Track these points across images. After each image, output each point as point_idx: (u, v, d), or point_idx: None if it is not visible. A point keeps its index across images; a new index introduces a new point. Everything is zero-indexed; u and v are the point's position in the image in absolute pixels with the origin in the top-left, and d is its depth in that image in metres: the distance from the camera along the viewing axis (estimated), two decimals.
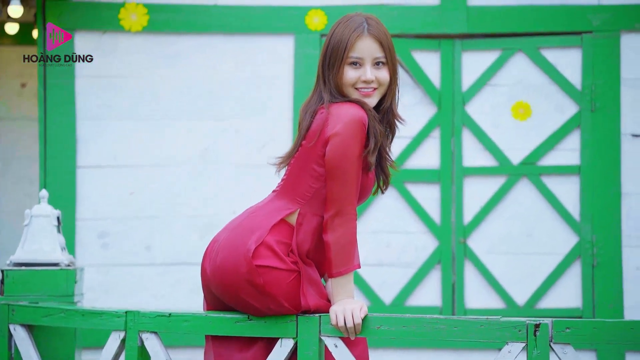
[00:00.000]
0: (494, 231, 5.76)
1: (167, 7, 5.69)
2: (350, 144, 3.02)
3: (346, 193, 3.04)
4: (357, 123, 3.03)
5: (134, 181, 5.70)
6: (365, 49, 3.09)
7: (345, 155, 3.02)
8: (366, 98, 3.11)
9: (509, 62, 5.78)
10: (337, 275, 3.06)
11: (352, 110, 3.05)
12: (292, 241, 3.12)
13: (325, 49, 3.13)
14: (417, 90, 5.79)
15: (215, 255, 3.14)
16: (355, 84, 3.11)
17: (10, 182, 7.73)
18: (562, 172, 5.75)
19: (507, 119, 5.78)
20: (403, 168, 5.76)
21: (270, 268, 3.06)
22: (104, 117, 5.70)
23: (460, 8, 5.74)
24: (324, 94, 3.13)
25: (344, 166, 3.03)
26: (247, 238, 3.09)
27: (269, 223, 3.11)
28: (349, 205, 3.06)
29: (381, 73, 3.13)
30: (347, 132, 3.02)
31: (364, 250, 5.72)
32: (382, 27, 3.15)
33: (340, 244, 3.05)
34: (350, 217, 3.07)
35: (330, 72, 3.11)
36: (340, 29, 3.11)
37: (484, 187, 5.77)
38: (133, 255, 5.69)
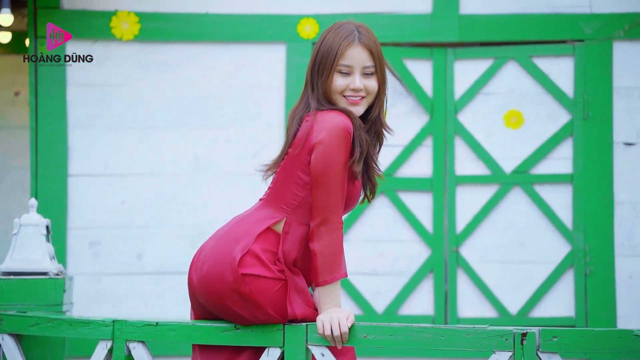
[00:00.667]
0: (487, 240, 5.75)
1: (159, 15, 5.68)
2: (334, 152, 3.01)
3: (331, 201, 3.03)
4: (342, 131, 3.02)
5: (125, 190, 5.68)
6: (355, 58, 3.09)
7: (330, 163, 3.01)
8: (353, 106, 3.11)
9: (501, 71, 5.77)
10: (324, 283, 3.05)
11: (337, 118, 3.04)
12: (278, 249, 3.11)
13: (315, 55, 3.13)
14: (410, 99, 5.78)
15: (202, 264, 3.13)
16: (343, 91, 3.10)
17: (4, 192, 7.70)
18: (554, 180, 5.73)
19: (499, 128, 5.77)
20: (395, 176, 5.74)
21: (256, 277, 3.05)
22: (95, 126, 5.68)
23: (453, 16, 5.74)
24: (311, 100, 3.13)
25: (329, 174, 3.02)
26: (233, 247, 3.08)
27: (255, 231, 3.10)
28: (334, 214, 3.04)
29: (370, 82, 3.13)
30: (331, 141, 3.01)
31: (357, 258, 5.71)
32: (372, 37, 3.15)
33: (326, 253, 3.04)
34: (335, 225, 3.05)
35: (319, 78, 3.11)
36: (331, 36, 3.11)
37: (476, 195, 5.75)
38: (124, 264, 5.67)
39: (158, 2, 5.69)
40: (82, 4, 5.67)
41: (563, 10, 5.73)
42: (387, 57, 5.70)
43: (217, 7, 5.70)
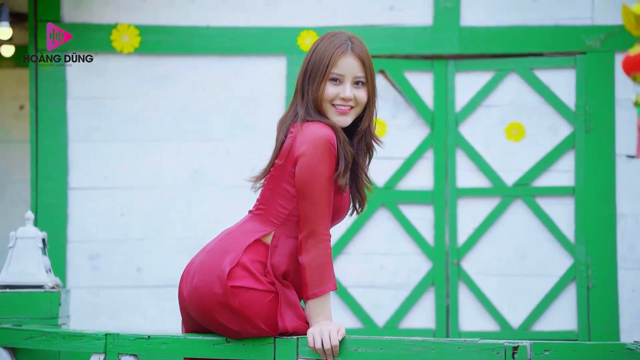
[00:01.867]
0: (488, 253, 5.71)
1: (159, 28, 5.68)
2: (317, 164, 3.01)
3: (317, 214, 3.02)
4: (324, 143, 3.01)
5: (125, 203, 5.67)
6: (347, 67, 3.09)
7: (313, 175, 3.01)
8: (342, 116, 3.11)
9: (503, 83, 5.75)
10: (313, 297, 3.03)
11: (319, 130, 3.04)
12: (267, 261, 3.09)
13: (307, 62, 3.13)
14: (410, 111, 5.76)
15: (191, 278, 3.12)
16: (333, 100, 3.10)
17: (7, 205, 7.72)
18: (556, 193, 5.70)
19: (500, 140, 5.74)
20: (396, 189, 5.72)
21: (246, 289, 3.04)
22: (95, 139, 5.68)
23: (453, 29, 5.72)
24: (299, 109, 3.12)
25: (313, 187, 3.01)
26: (221, 259, 3.07)
27: (243, 244, 3.09)
28: (320, 226, 3.03)
29: (360, 93, 3.12)
30: (313, 153, 3.01)
31: (357, 271, 5.68)
32: (365, 48, 3.15)
33: (314, 265, 3.02)
34: (322, 237, 3.04)
35: (310, 86, 3.11)
36: (324, 45, 3.11)
37: (477, 208, 5.72)
38: (123, 277, 5.65)
39: (158, 15, 5.69)
40: (83, 17, 5.67)
41: (564, 22, 5.71)
42: (388, 70, 5.70)
43: (217, 20, 5.70)
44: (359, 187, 3.23)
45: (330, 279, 3.04)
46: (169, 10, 5.70)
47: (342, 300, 5.67)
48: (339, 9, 5.74)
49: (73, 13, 5.67)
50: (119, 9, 5.68)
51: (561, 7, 5.73)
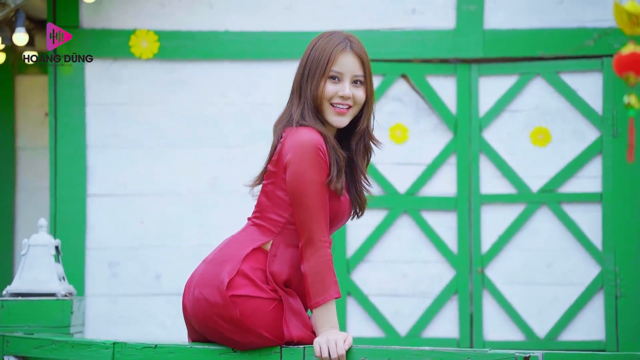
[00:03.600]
0: (513, 261, 5.59)
1: (178, 33, 5.63)
2: (305, 170, 2.95)
3: (312, 221, 2.95)
4: (310, 148, 2.95)
5: (144, 210, 5.62)
6: (347, 65, 3.04)
7: (303, 182, 2.95)
8: (339, 116, 3.05)
9: (527, 87, 5.63)
10: (316, 305, 2.96)
11: (304, 135, 2.98)
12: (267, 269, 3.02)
13: (305, 61, 3.08)
14: (433, 117, 5.65)
15: (193, 290, 3.09)
16: (331, 98, 3.04)
17: (32, 212, 7.69)
18: (583, 199, 5.57)
19: (525, 145, 5.62)
20: (418, 196, 5.62)
21: (247, 297, 2.98)
22: (113, 145, 5.64)
23: (477, 32, 5.62)
24: (294, 112, 3.07)
25: (304, 194, 2.95)
26: (220, 270, 3.02)
27: (242, 253, 3.04)
28: (318, 232, 2.96)
29: (358, 92, 3.07)
30: (300, 159, 2.95)
31: (379, 279, 5.59)
32: (363, 47, 3.11)
33: (314, 274, 2.95)
34: (321, 244, 2.96)
35: (308, 84, 3.05)
36: (323, 42, 3.06)
37: (502, 215, 5.60)
38: (142, 285, 5.60)
39: (177, 20, 5.65)
40: (101, 23, 5.64)
41: (591, 25, 5.58)
42: (410, 74, 5.61)
43: (235, 25, 5.64)
44: (359, 191, 3.16)
45: (331, 286, 2.97)
46: (188, 15, 5.65)
47: (364, 309, 5.57)
48: (358, 12, 5.66)
49: (92, 19, 5.64)
50: (137, 14, 5.64)
51: (587, 8, 5.60)
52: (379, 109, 5.64)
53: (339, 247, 5.57)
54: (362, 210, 3.19)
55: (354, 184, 3.15)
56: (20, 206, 7.75)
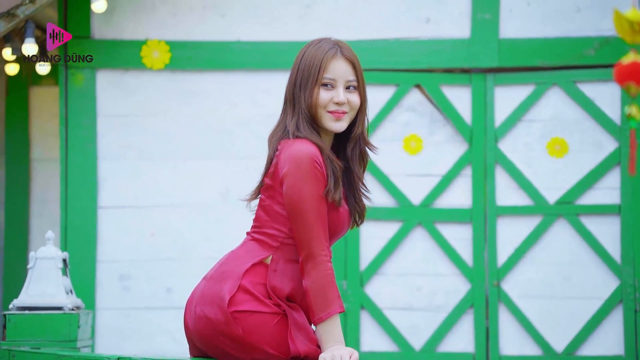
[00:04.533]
0: (530, 274, 5.49)
1: (190, 44, 5.58)
2: (302, 184, 2.89)
3: (311, 235, 2.89)
4: (306, 161, 2.90)
5: (155, 222, 5.56)
6: (339, 71, 3.00)
7: (300, 197, 2.89)
8: (337, 122, 3.01)
9: (544, 97, 5.54)
10: (319, 321, 2.90)
11: (300, 148, 2.93)
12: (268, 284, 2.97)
13: (296, 71, 3.04)
14: (447, 127, 5.57)
15: (194, 308, 3.03)
16: (326, 105, 3.00)
17: (46, 224, 7.66)
18: (601, 211, 5.46)
19: (542, 156, 5.53)
20: (433, 207, 5.53)
21: (249, 312, 2.92)
22: (125, 157, 5.58)
23: (492, 41, 5.53)
24: (288, 123, 3.01)
25: (302, 208, 2.90)
26: (220, 287, 2.96)
27: (242, 268, 2.97)
28: (317, 247, 2.89)
29: (353, 97, 3.03)
30: (296, 173, 2.90)
31: (393, 293, 5.51)
32: (353, 51, 3.06)
33: (315, 289, 2.88)
34: (321, 259, 2.90)
35: (302, 93, 3.00)
36: (312, 51, 3.03)
37: (518, 227, 5.51)
38: (153, 298, 5.54)
39: (189, 30, 5.59)
40: (113, 34, 5.59)
41: (608, 33, 5.49)
42: (424, 84, 5.53)
43: (247, 35, 5.58)
44: (357, 199, 3.10)
45: (334, 301, 2.89)
46: (200, 25, 5.59)
47: (378, 323, 5.49)
48: (372, 22, 5.58)
49: (103, 29, 5.60)
50: (149, 25, 5.60)
51: (605, 16, 5.50)
52: (392, 120, 5.57)
53: (353, 259, 5.49)
54: (361, 219, 3.13)
55: (352, 192, 3.09)
56: (34, 218, 7.72)
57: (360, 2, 5.59)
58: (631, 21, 2.43)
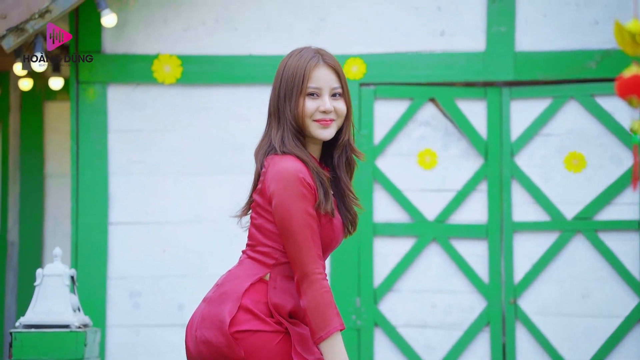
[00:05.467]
0: (547, 291, 5.39)
1: (201, 58, 5.52)
2: (290, 203, 2.85)
3: (303, 254, 2.84)
4: (292, 179, 2.85)
5: (166, 238, 5.50)
6: (323, 79, 2.95)
7: (290, 215, 2.84)
8: (325, 129, 2.96)
9: (561, 111, 5.45)
10: (320, 340, 2.83)
11: (285, 165, 2.88)
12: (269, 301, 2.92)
13: (279, 82, 2.99)
14: (462, 141, 5.49)
15: (195, 331, 2.97)
16: (313, 115, 2.95)
17: (60, 241, 7.63)
18: (620, 227, 5.36)
19: (559, 171, 5.43)
20: (448, 223, 5.44)
21: (251, 332, 2.85)
22: (136, 172, 5.53)
23: (508, 54, 5.45)
24: (273, 137, 2.96)
25: (291, 227, 2.85)
26: (220, 309, 2.91)
27: (241, 288, 2.92)
28: (310, 265, 2.84)
29: (339, 104, 2.98)
30: (283, 191, 2.85)
31: (407, 310, 5.42)
32: (335, 59, 3.02)
33: (312, 308, 2.82)
34: (315, 277, 2.84)
35: (287, 104, 2.95)
36: (294, 61, 2.98)
37: (535, 243, 5.41)
38: (164, 315, 5.47)
39: (200, 44, 5.54)
40: (124, 48, 5.55)
41: None
42: (439, 98, 5.45)
43: (260, 49, 5.52)
44: (347, 206, 3.05)
45: (332, 319, 2.82)
46: (211, 39, 5.54)
47: (392, 341, 5.40)
48: (386, 35, 5.51)
49: (114, 44, 5.56)
50: (160, 39, 5.55)
51: None
52: (407, 134, 5.50)
53: (366, 276, 5.41)
54: (354, 227, 3.07)
55: (342, 200, 3.05)
56: (48, 234, 7.70)
57: (374, 15, 5.52)
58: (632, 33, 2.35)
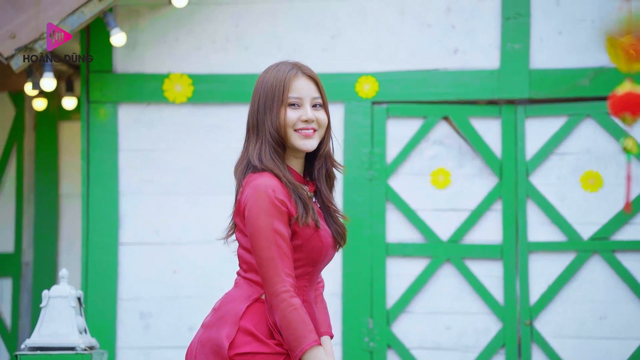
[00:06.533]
0: (564, 313, 5.29)
1: (212, 77, 5.48)
2: (256, 219, 2.83)
3: (269, 272, 2.81)
4: (262, 196, 2.84)
5: (177, 258, 5.45)
6: (303, 89, 2.95)
7: (257, 231, 2.83)
8: (307, 139, 2.95)
9: (577, 129, 5.36)
10: (296, 359, 2.80)
11: (257, 183, 2.87)
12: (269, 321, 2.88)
13: (258, 95, 2.98)
14: (477, 160, 5.41)
15: (194, 357, 2.93)
16: (294, 124, 2.93)
17: (75, 261, 7.60)
18: (638, 248, 5.26)
19: (575, 190, 5.34)
20: (462, 243, 5.36)
21: (251, 355, 2.82)
22: (146, 192, 5.49)
23: (522, 72, 5.37)
24: (251, 153, 2.94)
25: (257, 244, 2.84)
26: (219, 334, 2.88)
27: (239, 310, 2.90)
28: (277, 284, 2.81)
29: (320, 114, 2.98)
30: (252, 209, 2.85)
31: (420, 332, 5.34)
32: (312, 70, 3.03)
33: (284, 327, 2.80)
34: (282, 296, 2.80)
35: (267, 116, 2.93)
36: (273, 74, 2.98)
37: (551, 264, 5.31)
38: (175, 337, 5.41)
39: (211, 63, 5.50)
40: (135, 67, 5.52)
41: None
42: (452, 116, 5.39)
43: None
44: (333, 217, 3.02)
45: (305, 336, 2.79)
46: (222, 58, 5.50)
47: None
48: (399, 52, 5.45)
49: (125, 63, 5.53)
50: (171, 58, 5.52)
51: None
52: (420, 153, 5.43)
53: (379, 297, 5.33)
54: (343, 239, 3.03)
55: (328, 212, 3.02)
56: (63, 255, 7.66)
57: (386, 32, 5.46)
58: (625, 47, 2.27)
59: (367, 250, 5.36)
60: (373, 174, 5.40)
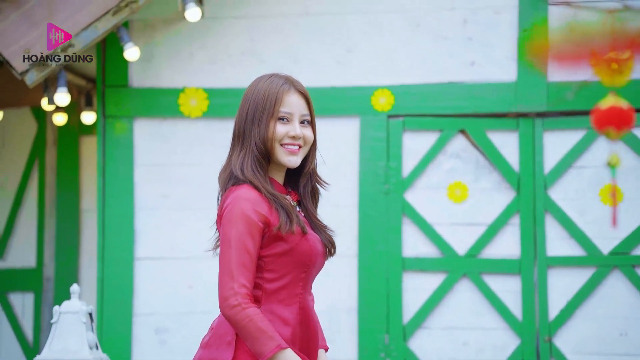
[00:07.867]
0: (584, 329, 5.21)
1: (228, 91, 5.48)
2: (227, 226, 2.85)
3: (223, 277, 2.83)
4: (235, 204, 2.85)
5: (192, 273, 5.43)
6: (294, 105, 2.95)
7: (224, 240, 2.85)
8: (292, 156, 2.95)
9: (596, 142, 5.29)
10: None
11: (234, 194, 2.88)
12: None
13: (247, 105, 2.97)
14: (494, 174, 5.34)
15: None
16: (282, 139, 2.93)
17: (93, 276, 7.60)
18: None
19: (595, 204, 5.26)
20: (480, 258, 5.30)
21: None
22: (162, 207, 5.48)
23: (540, 84, 5.31)
24: (234, 163, 2.94)
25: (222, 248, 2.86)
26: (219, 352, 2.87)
27: None
28: (229, 291, 2.80)
29: (307, 131, 2.98)
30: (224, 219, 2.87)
31: (437, 348, 5.27)
32: (304, 86, 3.03)
33: (244, 336, 2.79)
34: (235, 310, 2.78)
35: (255, 127, 2.93)
36: (265, 85, 2.97)
37: (570, 279, 5.24)
38: (190, 353, 5.30)
39: (227, 77, 5.49)
40: (150, 82, 5.52)
41: None
42: (469, 129, 5.33)
43: None
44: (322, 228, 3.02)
45: (265, 344, 2.77)
46: (238, 72, 5.49)
47: None
48: (415, 65, 5.41)
49: (141, 78, 5.53)
50: (186, 72, 5.51)
51: None
52: (436, 167, 5.37)
53: (395, 312, 5.28)
54: (333, 247, 3.03)
55: (314, 224, 3.02)
56: (84, 270, 7.66)
57: (402, 46, 5.43)
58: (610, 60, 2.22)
59: (384, 265, 5.31)
60: (389, 188, 5.36)
